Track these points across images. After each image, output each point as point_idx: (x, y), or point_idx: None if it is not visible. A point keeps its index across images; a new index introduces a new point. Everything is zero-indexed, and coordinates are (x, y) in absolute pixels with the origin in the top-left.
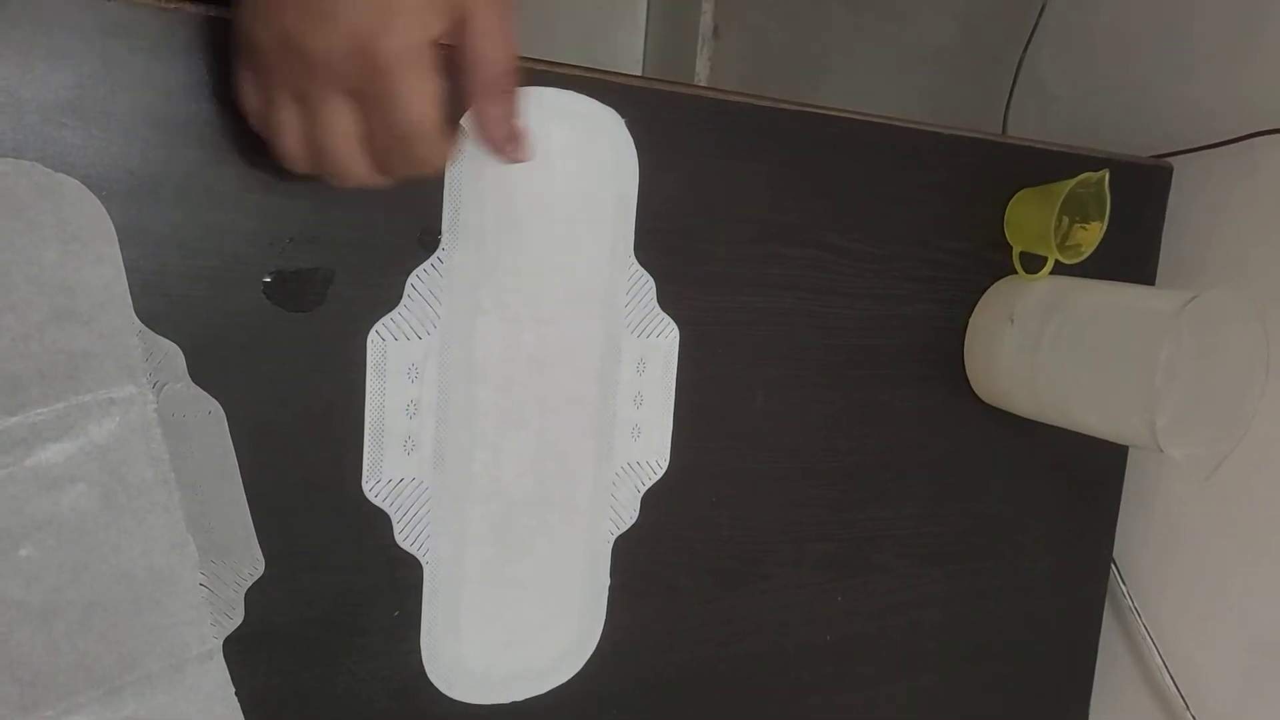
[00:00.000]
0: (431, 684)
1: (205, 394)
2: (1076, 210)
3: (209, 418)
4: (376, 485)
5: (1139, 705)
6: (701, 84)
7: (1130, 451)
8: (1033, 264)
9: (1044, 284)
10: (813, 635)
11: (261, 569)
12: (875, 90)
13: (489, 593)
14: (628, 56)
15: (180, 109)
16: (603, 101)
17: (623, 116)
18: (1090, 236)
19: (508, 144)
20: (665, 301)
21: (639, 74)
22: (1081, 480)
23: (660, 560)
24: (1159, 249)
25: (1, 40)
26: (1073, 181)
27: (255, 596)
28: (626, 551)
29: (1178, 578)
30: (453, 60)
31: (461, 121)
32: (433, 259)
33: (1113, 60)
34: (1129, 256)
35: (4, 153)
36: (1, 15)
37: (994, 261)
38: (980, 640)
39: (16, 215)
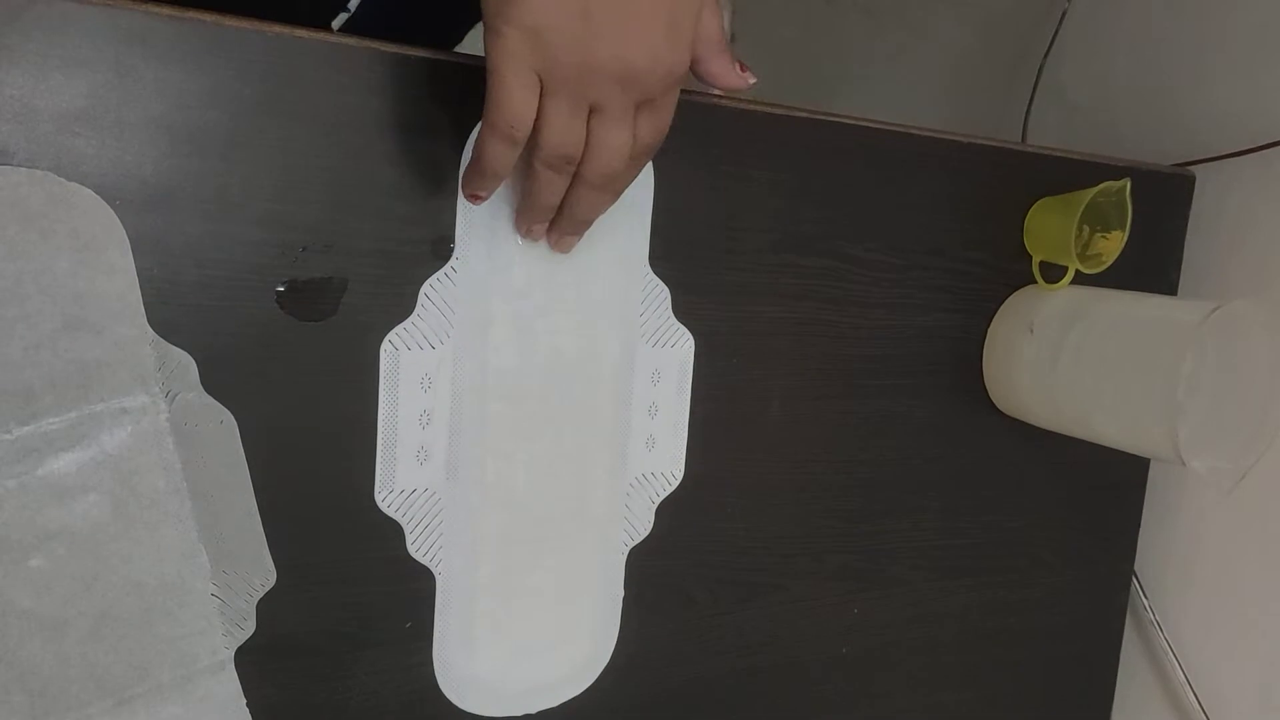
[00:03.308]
0: (444, 696)
1: (218, 404)
2: (1097, 219)
3: (221, 427)
4: (389, 496)
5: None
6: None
7: (1152, 463)
8: (1053, 274)
9: (1064, 294)
10: (829, 648)
11: (273, 580)
12: (893, 98)
13: (502, 604)
14: None
15: (194, 118)
16: None
17: None
18: (1111, 246)
19: (742, 80)
20: (680, 311)
21: None
22: (1102, 492)
23: (674, 572)
24: (1181, 259)
25: (15, 50)
26: (1094, 190)
27: (267, 607)
28: (640, 563)
29: (1200, 591)
30: None
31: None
32: (446, 268)
33: (1134, 67)
34: (1151, 266)
35: (18, 162)
36: (15, 25)
37: (1013, 271)
38: (999, 654)
39: (29, 225)
